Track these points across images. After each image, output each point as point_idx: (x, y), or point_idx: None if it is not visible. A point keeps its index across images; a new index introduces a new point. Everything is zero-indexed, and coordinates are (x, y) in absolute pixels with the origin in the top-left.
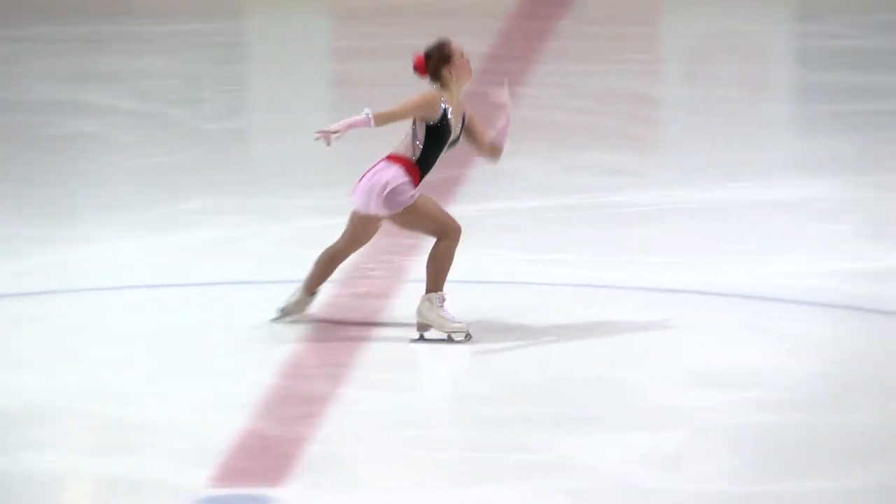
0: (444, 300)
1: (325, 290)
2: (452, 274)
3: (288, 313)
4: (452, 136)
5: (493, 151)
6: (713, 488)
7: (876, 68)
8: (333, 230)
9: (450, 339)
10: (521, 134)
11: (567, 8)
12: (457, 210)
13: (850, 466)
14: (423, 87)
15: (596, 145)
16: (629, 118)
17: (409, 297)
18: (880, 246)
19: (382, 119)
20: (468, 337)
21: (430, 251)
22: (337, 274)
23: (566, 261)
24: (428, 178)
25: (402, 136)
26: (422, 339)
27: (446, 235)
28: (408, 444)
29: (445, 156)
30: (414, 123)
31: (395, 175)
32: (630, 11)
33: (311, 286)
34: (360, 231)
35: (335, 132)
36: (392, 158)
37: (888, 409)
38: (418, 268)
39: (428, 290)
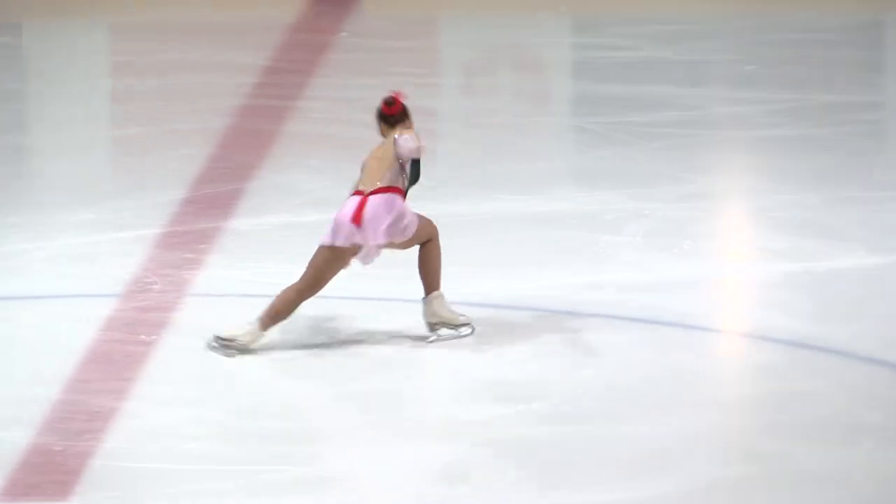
0: (443, 296)
1: (106, 304)
2: (234, 287)
3: (237, 349)
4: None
5: None
6: (497, 500)
7: (650, 80)
8: (106, 246)
9: (457, 334)
10: (300, 148)
11: (346, 21)
12: (237, 224)
13: (636, 478)
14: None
15: None
16: None
17: (193, 309)
18: (662, 257)
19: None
20: (473, 330)
21: (419, 256)
22: (119, 287)
23: (344, 274)
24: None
25: (375, 170)
26: (437, 338)
27: (432, 237)
28: (188, 458)
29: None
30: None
31: (403, 204)
32: (408, 25)
33: (268, 324)
34: (332, 270)
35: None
36: (386, 190)
37: (673, 421)
38: (201, 281)
39: (429, 291)
